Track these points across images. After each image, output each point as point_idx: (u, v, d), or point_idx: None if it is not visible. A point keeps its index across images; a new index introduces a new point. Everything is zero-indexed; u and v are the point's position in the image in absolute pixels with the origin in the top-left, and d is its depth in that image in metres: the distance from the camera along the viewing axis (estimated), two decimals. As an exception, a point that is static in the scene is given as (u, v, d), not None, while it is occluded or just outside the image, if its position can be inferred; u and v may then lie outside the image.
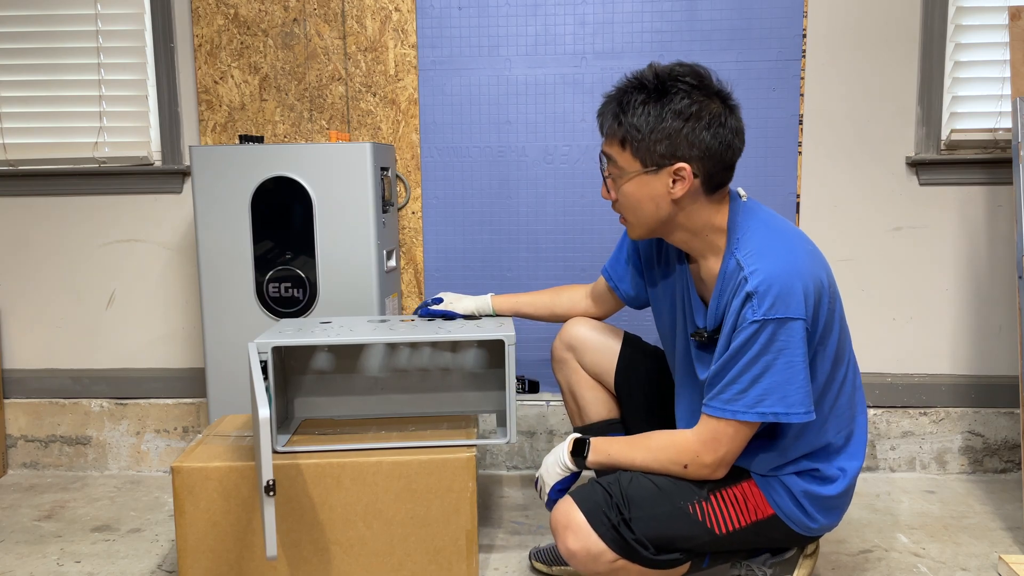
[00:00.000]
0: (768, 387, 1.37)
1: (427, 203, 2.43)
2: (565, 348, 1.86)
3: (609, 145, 1.48)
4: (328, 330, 1.77)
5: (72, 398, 2.55)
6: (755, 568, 1.58)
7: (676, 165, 1.41)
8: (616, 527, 1.46)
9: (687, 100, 1.40)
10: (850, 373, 1.52)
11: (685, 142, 1.40)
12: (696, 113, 1.39)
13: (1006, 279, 2.38)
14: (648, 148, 1.41)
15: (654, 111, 1.40)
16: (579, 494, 1.51)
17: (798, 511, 1.49)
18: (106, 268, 2.52)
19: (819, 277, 1.41)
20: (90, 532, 2.11)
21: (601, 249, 2.38)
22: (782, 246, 1.42)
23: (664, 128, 1.40)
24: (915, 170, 2.36)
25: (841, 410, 1.51)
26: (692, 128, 1.39)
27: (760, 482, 1.50)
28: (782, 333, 1.36)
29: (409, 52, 2.36)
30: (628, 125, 1.42)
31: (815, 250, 1.47)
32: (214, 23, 2.38)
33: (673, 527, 1.47)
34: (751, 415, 1.39)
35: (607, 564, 1.47)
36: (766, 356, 1.37)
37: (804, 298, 1.36)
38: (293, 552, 1.64)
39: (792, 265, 1.38)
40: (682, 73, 1.42)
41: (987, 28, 2.30)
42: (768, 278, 1.36)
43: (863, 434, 1.55)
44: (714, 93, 1.43)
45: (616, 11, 2.32)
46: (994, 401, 2.41)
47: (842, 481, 1.50)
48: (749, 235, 1.44)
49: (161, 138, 2.45)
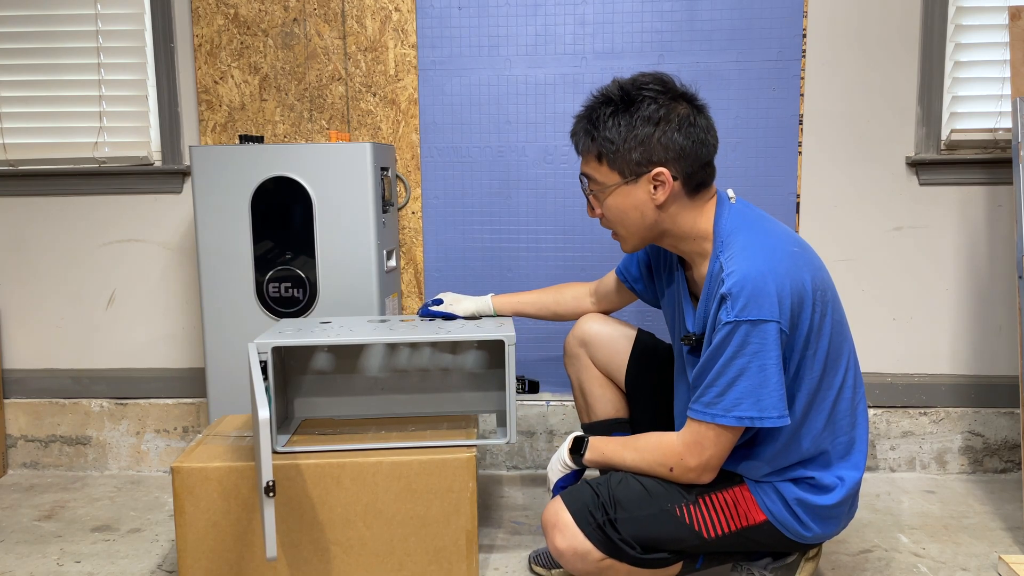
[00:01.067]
0: (743, 391, 1.36)
1: (427, 203, 2.43)
2: (578, 344, 1.87)
3: (586, 163, 1.50)
4: (328, 330, 1.77)
5: (72, 398, 2.55)
6: (755, 572, 1.58)
7: (654, 170, 1.43)
8: (602, 527, 1.47)
9: (654, 105, 1.42)
10: (849, 379, 1.49)
11: (659, 146, 1.42)
12: (665, 116, 1.42)
13: (1006, 279, 2.38)
14: (624, 158, 1.44)
15: (624, 121, 1.43)
16: (568, 494, 1.53)
17: (791, 518, 1.48)
18: (106, 268, 2.52)
19: (801, 280, 1.39)
20: (90, 532, 2.11)
21: (601, 249, 2.39)
22: (761, 248, 1.40)
23: (636, 136, 1.42)
24: (915, 170, 2.36)
25: (840, 417, 1.48)
26: (663, 131, 1.41)
27: (753, 487, 1.49)
28: (755, 335, 1.35)
29: (409, 52, 2.36)
30: (601, 139, 1.45)
31: (803, 253, 1.44)
32: (214, 23, 2.38)
33: (659, 529, 1.48)
34: (729, 419, 1.38)
35: (594, 563, 1.49)
36: (740, 359, 1.36)
37: (779, 300, 1.35)
38: (293, 552, 1.64)
39: (767, 266, 1.36)
40: (645, 81, 1.45)
41: (987, 28, 2.30)
42: (741, 279, 1.35)
43: (864, 443, 1.52)
44: (679, 96, 1.46)
45: (616, 11, 2.32)
46: (994, 401, 2.41)
47: (840, 491, 1.47)
48: (733, 238, 1.43)
49: (161, 138, 2.45)
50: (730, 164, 2.34)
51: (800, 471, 1.48)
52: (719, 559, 1.57)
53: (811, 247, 1.51)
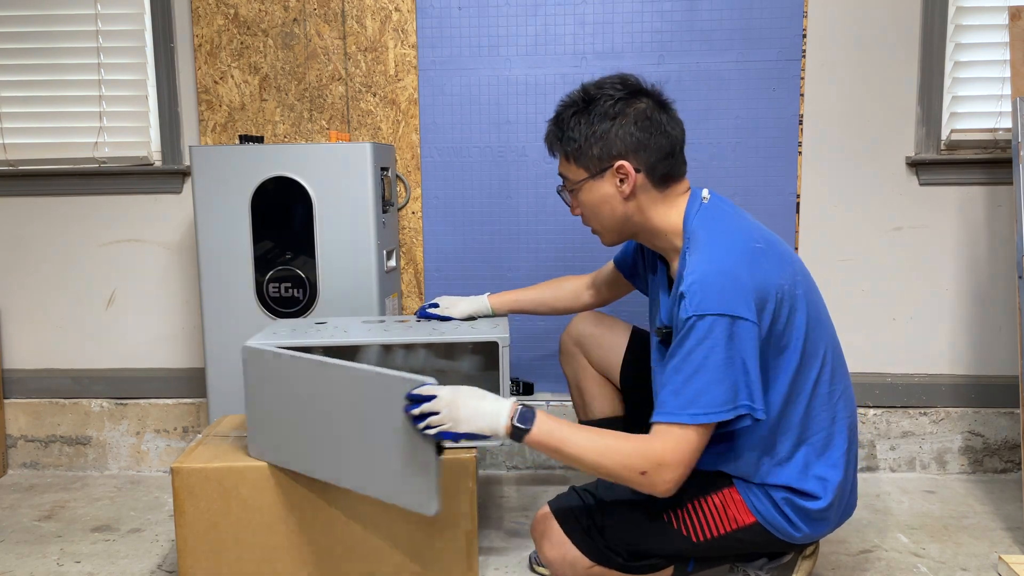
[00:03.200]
0: (700, 388, 1.31)
1: (427, 203, 2.43)
2: (573, 342, 1.87)
3: (561, 164, 1.55)
4: (322, 331, 1.77)
5: (72, 398, 2.55)
6: (751, 572, 1.58)
7: (616, 163, 1.46)
8: (588, 533, 1.48)
9: (611, 102, 1.47)
10: (826, 373, 1.46)
11: (616, 139, 1.45)
12: (621, 111, 1.46)
13: (1006, 279, 2.38)
14: (587, 155, 1.48)
15: (584, 120, 1.47)
16: (556, 502, 1.54)
17: (780, 519, 1.47)
18: (106, 268, 2.52)
19: (763, 277, 1.37)
20: (90, 532, 2.11)
21: (601, 248, 2.36)
22: (720, 246, 1.40)
23: (595, 132, 1.46)
24: (915, 170, 2.36)
25: (816, 411, 1.46)
26: (620, 124, 1.45)
27: (742, 489, 1.48)
28: (710, 330, 1.31)
29: (409, 52, 2.36)
30: (566, 139, 1.50)
31: (767, 250, 1.42)
32: (214, 23, 2.38)
33: (647, 534, 1.48)
34: (684, 417, 1.31)
35: (584, 570, 1.49)
36: (697, 354, 1.31)
37: (737, 294, 1.33)
38: (293, 552, 1.64)
39: (724, 264, 1.36)
40: (607, 82, 1.51)
41: (987, 28, 2.30)
42: (699, 277, 1.35)
43: (844, 441, 1.48)
44: (640, 92, 1.49)
45: (616, 11, 2.32)
46: (994, 401, 2.41)
47: (827, 495, 1.45)
48: (699, 233, 1.44)
49: (161, 138, 2.45)
50: (730, 164, 2.34)
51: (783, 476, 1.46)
52: (711, 562, 1.57)
53: (782, 243, 1.49)
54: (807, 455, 1.47)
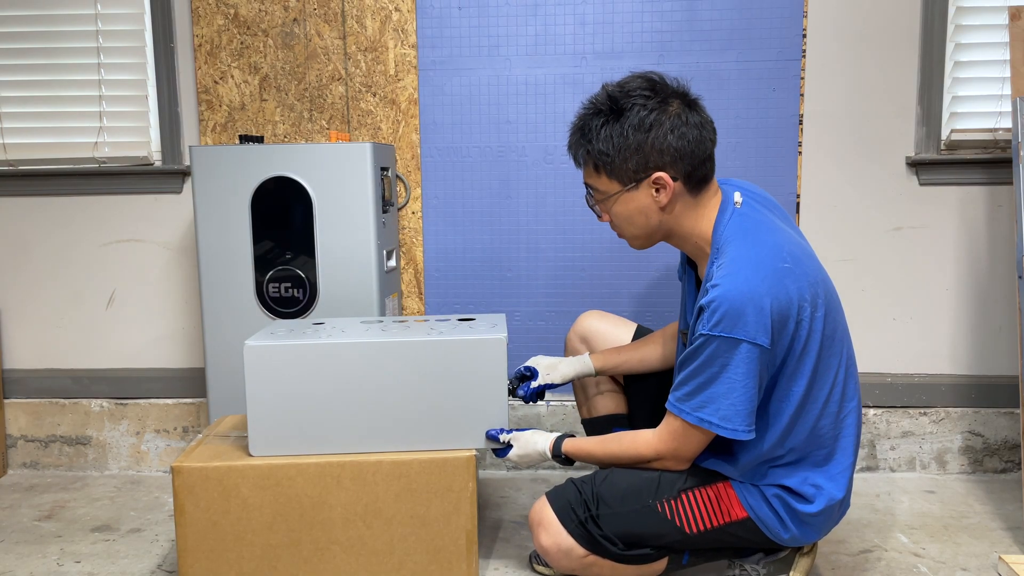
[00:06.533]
0: (708, 397, 1.40)
1: (427, 203, 2.43)
2: (579, 340, 1.88)
3: (587, 174, 1.51)
4: (320, 332, 1.76)
5: (72, 398, 2.55)
6: (748, 568, 1.58)
7: (653, 175, 1.43)
8: (584, 523, 1.51)
9: (643, 111, 1.41)
10: (836, 393, 1.47)
11: (654, 152, 1.42)
12: (656, 121, 1.41)
13: (1006, 279, 2.38)
14: (621, 168, 1.44)
15: (615, 131, 1.42)
16: (553, 492, 1.58)
17: (772, 517, 1.48)
18: (106, 268, 2.52)
19: (786, 297, 1.37)
20: (90, 532, 2.11)
21: (601, 249, 2.39)
22: (747, 263, 1.39)
23: (629, 145, 1.42)
24: (915, 170, 2.36)
25: (823, 431, 1.47)
26: (656, 136, 1.41)
27: (736, 484, 1.50)
28: (724, 351, 1.36)
29: (409, 52, 2.36)
30: (596, 152, 1.45)
31: (794, 268, 1.41)
32: (214, 23, 2.38)
33: (641, 524, 1.50)
34: (692, 418, 1.42)
35: (578, 559, 1.52)
36: (710, 368, 1.38)
37: (757, 319, 1.34)
38: (293, 552, 1.64)
39: (748, 284, 1.36)
40: (633, 87, 1.45)
41: (987, 28, 2.30)
42: (721, 295, 1.36)
43: (846, 457, 1.50)
44: (669, 95, 1.45)
45: (616, 11, 2.32)
46: (994, 401, 2.41)
47: (819, 501, 1.47)
48: (727, 246, 1.43)
49: (161, 138, 2.45)
50: (730, 164, 2.34)
51: (778, 477, 1.48)
52: (706, 556, 1.58)
53: (810, 256, 1.48)
54: (807, 468, 1.49)
